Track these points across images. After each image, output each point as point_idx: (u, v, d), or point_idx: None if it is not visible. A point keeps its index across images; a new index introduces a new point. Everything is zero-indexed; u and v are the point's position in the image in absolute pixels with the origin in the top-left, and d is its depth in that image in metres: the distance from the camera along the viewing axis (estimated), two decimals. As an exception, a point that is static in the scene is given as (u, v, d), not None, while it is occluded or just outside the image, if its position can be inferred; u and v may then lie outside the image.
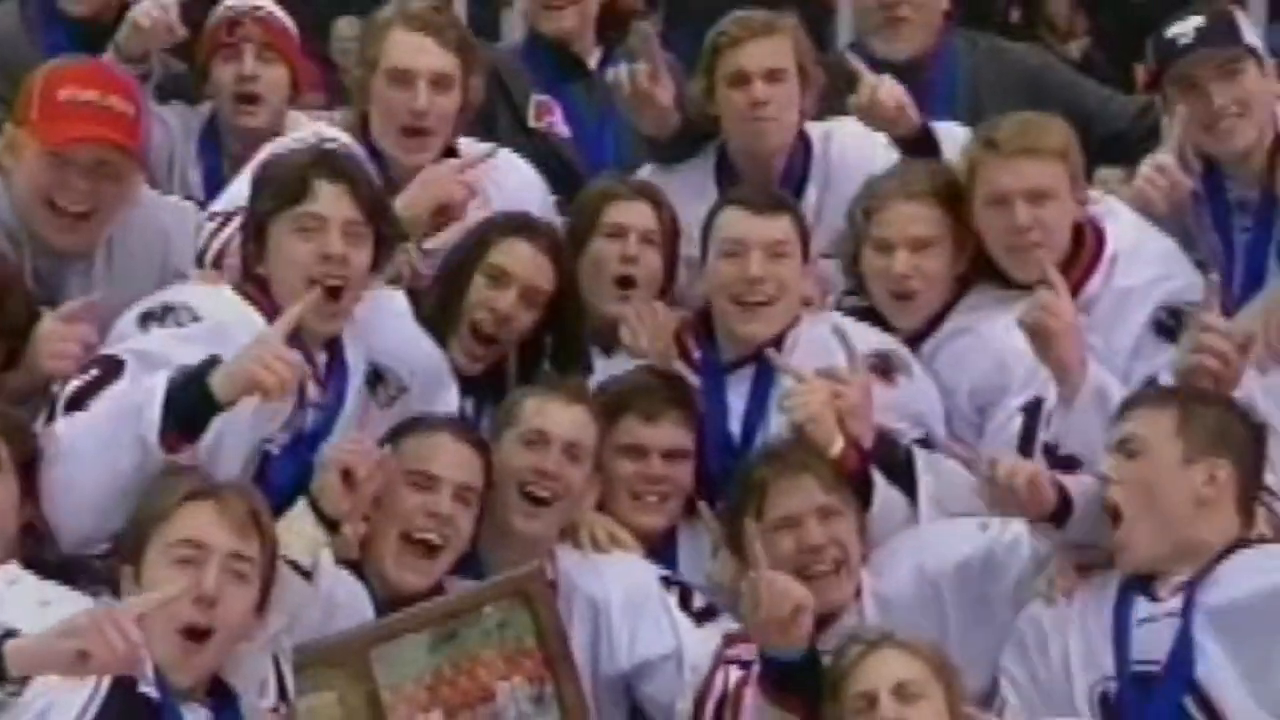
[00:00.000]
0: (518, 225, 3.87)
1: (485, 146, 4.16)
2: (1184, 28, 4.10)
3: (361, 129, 4.11)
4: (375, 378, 3.66)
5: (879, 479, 3.72)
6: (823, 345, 3.88)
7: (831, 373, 3.75)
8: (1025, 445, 3.63)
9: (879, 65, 4.44)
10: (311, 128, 4.23)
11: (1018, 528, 3.59)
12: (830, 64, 4.63)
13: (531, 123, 4.63)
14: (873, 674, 3.28)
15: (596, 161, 4.66)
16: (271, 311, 3.52)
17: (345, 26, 8.47)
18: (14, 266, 3.70)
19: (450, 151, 4.13)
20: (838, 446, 3.66)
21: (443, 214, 3.96)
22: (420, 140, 4.04)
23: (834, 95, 4.38)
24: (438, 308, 3.84)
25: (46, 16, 4.54)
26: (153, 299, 3.60)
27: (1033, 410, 3.71)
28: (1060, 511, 3.43)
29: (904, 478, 3.78)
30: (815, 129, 4.40)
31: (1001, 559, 3.65)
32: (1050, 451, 3.56)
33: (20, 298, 3.66)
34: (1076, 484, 3.48)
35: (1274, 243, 4.07)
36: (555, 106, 4.71)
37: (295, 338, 3.48)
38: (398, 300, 3.81)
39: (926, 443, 3.90)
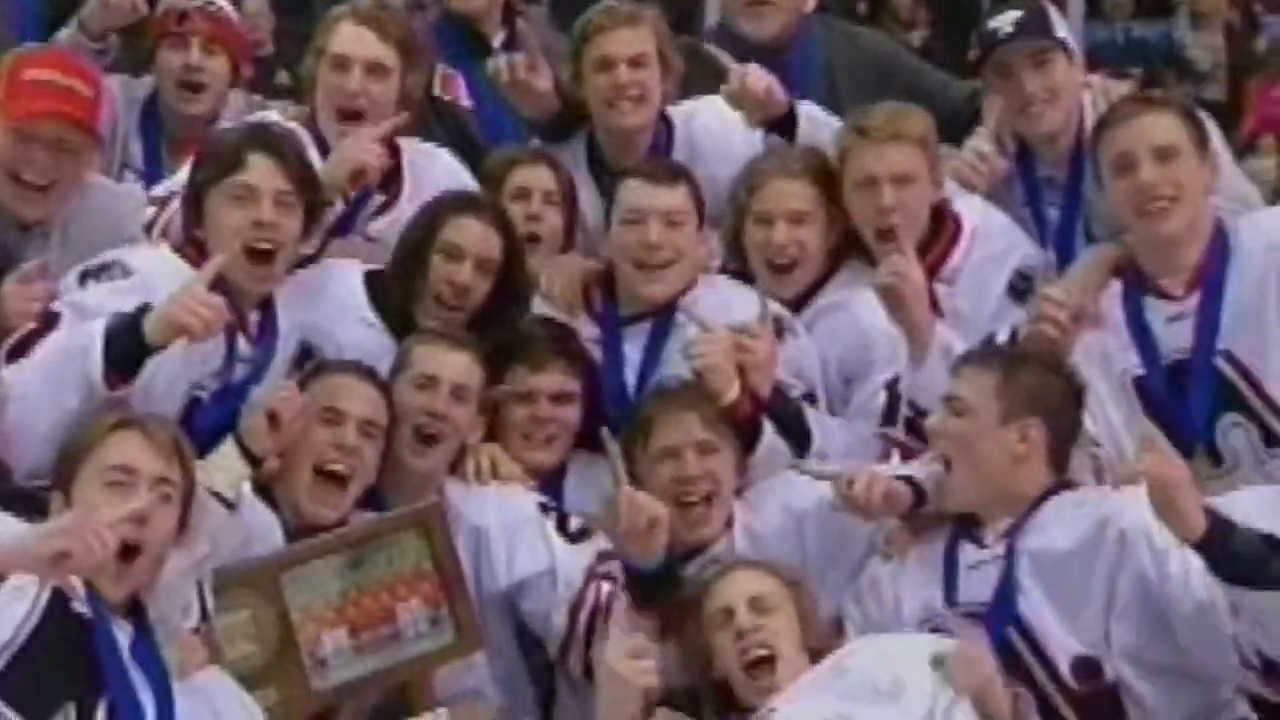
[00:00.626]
0: (464, 203, 3.90)
1: (398, 117, 4.16)
2: (1003, 20, 4.21)
3: (311, 118, 4.15)
4: (305, 352, 3.73)
5: (768, 428, 3.76)
6: (720, 304, 3.94)
7: (742, 327, 3.77)
8: (889, 418, 3.72)
9: (743, 45, 4.54)
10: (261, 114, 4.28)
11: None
12: (695, 47, 4.71)
13: (436, 91, 4.64)
14: (729, 590, 3.35)
15: (495, 134, 4.69)
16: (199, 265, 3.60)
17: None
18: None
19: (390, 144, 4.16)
20: (732, 394, 3.71)
21: (358, 180, 3.96)
22: (354, 124, 4.05)
23: (701, 78, 4.43)
24: (401, 286, 3.87)
25: None
26: (92, 259, 3.68)
27: (894, 386, 3.77)
28: (916, 503, 3.53)
29: (794, 430, 3.82)
30: (678, 111, 4.46)
31: None
32: (912, 426, 3.62)
33: None
34: (923, 470, 3.58)
35: (1080, 217, 4.14)
36: (460, 80, 4.74)
37: (230, 299, 3.53)
38: (350, 282, 3.90)
39: (811, 398, 3.94)
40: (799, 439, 3.81)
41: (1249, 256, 3.67)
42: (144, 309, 3.43)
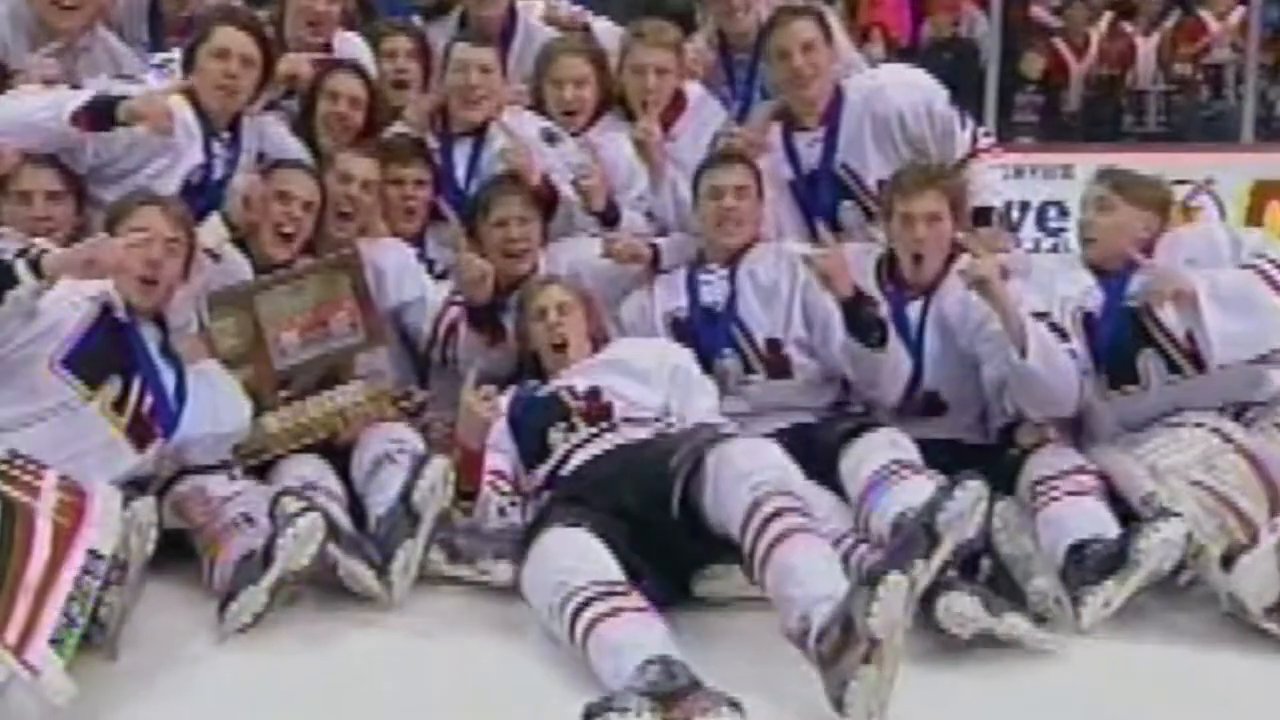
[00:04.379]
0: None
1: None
2: None
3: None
4: (260, 156, 3.76)
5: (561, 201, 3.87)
6: (518, 123, 3.99)
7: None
8: None
9: None
10: None
11: None
12: None
13: None
14: (543, 298, 3.49)
15: (389, 8, 4.66)
16: (195, 105, 3.61)
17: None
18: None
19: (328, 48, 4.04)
20: (536, 179, 3.79)
21: (292, 80, 3.92)
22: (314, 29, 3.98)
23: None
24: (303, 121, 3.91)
25: None
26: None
27: None
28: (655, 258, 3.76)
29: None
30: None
31: None
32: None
33: None
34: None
35: (757, 84, 4.21)
36: None
37: (208, 121, 3.60)
38: (281, 128, 3.88)
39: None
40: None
41: (852, 105, 3.85)
42: (122, 96, 3.41)
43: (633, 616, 2.56)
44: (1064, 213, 7.32)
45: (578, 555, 2.70)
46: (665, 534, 2.78)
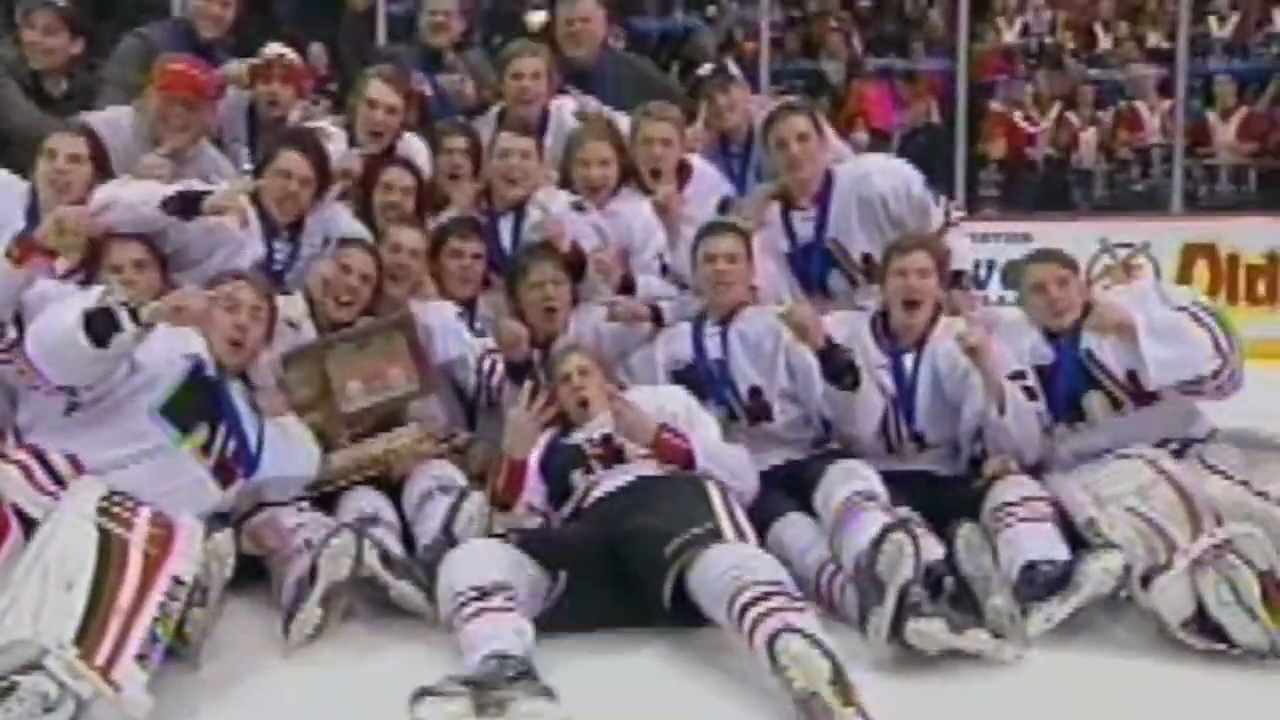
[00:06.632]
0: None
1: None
2: (705, 68, 4.66)
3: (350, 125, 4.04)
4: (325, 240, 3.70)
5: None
6: (549, 198, 3.94)
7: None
8: None
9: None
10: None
11: None
12: None
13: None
14: (566, 364, 3.39)
15: (440, 111, 4.48)
16: (259, 206, 3.56)
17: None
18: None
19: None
20: (566, 246, 3.74)
21: (347, 175, 3.87)
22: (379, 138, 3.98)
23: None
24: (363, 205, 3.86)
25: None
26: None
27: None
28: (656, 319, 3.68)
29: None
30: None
31: None
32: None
33: None
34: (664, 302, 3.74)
35: (752, 171, 4.23)
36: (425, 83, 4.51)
37: (267, 219, 3.57)
38: (346, 214, 3.82)
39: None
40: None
41: (841, 188, 3.82)
42: (208, 192, 3.38)
43: (492, 616, 2.55)
44: (1022, 271, 7.21)
45: (470, 563, 2.69)
46: (641, 586, 2.73)
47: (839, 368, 3.28)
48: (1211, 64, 9.09)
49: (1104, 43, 9.92)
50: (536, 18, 5.99)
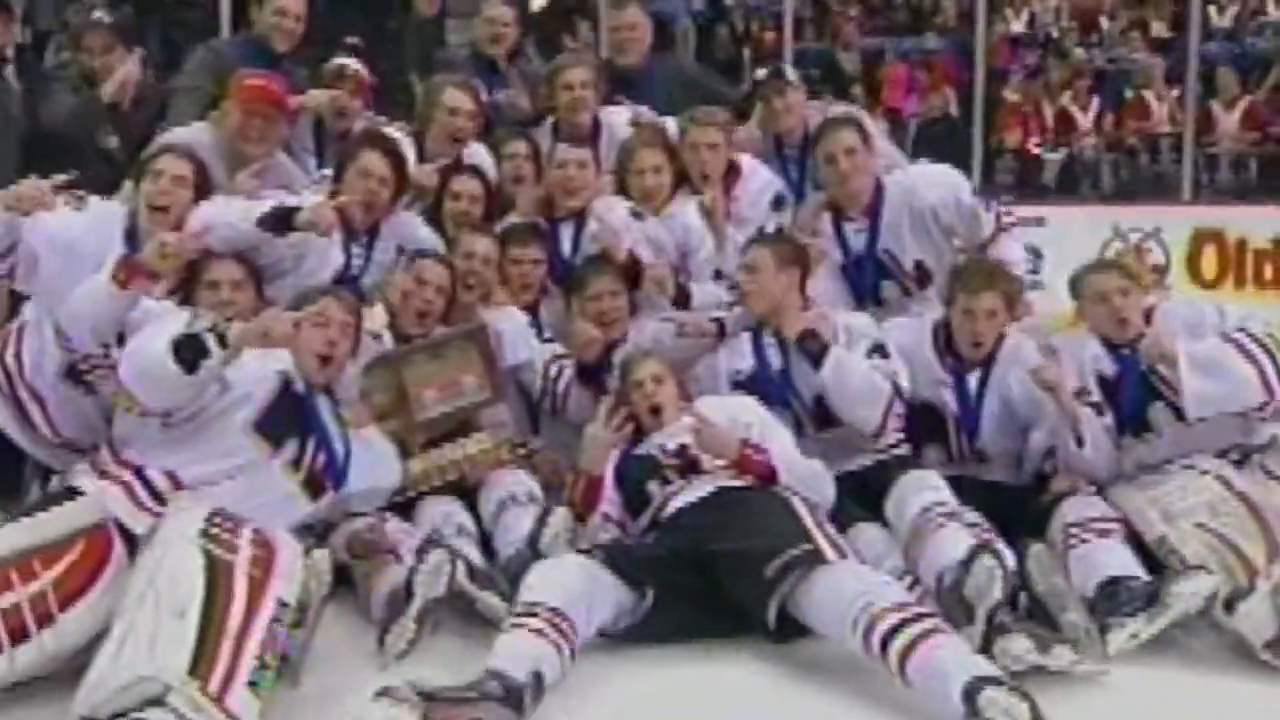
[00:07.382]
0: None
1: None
2: (761, 71, 4.45)
3: (419, 133, 3.95)
4: (399, 249, 3.63)
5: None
6: (605, 207, 3.86)
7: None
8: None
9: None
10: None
11: None
12: None
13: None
14: (641, 370, 3.27)
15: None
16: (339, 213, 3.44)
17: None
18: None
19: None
20: (622, 256, 3.66)
21: (420, 187, 3.83)
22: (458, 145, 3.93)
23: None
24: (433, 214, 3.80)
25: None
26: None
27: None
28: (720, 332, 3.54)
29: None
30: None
31: None
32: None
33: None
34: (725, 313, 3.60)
35: (808, 178, 4.11)
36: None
37: (345, 224, 3.45)
38: (418, 222, 3.74)
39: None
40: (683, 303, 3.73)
41: (891, 199, 3.73)
42: (298, 208, 3.31)
43: (521, 634, 2.48)
44: (1038, 255, 7.10)
45: (539, 580, 2.61)
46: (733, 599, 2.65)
47: (817, 353, 3.23)
48: (1214, 48, 9.07)
49: (1108, 30, 9.82)
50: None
